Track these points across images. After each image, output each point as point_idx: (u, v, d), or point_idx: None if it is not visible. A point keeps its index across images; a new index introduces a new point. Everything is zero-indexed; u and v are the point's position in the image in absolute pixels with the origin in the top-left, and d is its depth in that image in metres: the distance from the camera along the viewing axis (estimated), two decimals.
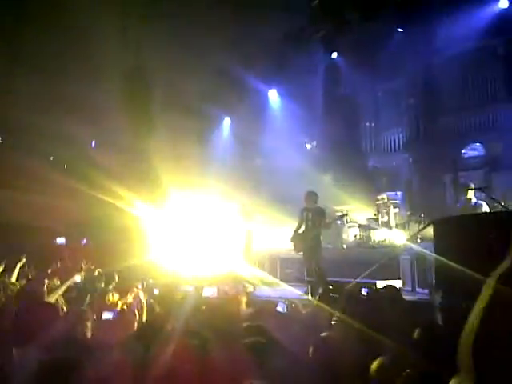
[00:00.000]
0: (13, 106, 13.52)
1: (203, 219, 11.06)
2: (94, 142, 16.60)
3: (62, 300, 4.79)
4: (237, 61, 14.00)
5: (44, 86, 12.74)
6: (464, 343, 0.67)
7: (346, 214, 10.56)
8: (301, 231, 8.54)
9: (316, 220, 8.36)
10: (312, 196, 8.59)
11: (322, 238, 8.55)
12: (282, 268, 10.86)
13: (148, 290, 6.75)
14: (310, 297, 7.32)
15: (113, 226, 12.65)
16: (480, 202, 8.64)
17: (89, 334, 3.68)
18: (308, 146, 15.91)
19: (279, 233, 13.51)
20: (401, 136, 14.81)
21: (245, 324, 3.61)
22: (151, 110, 14.61)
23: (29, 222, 13.77)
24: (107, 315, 4.49)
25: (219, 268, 9.35)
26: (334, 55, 15.29)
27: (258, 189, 12.80)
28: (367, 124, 15.56)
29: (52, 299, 4.45)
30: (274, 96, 16.34)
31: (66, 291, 5.16)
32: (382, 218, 11.32)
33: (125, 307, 5.23)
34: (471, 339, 0.67)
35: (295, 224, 8.74)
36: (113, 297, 5.23)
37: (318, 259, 8.31)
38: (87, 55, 13.17)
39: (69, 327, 3.53)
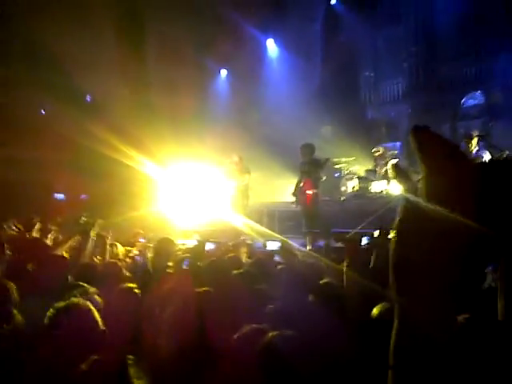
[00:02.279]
0: (6, 60, 13.23)
1: (200, 173, 11.03)
2: (88, 96, 16.35)
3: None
4: (233, 8, 13.58)
5: (38, 39, 12.40)
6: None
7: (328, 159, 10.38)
8: (297, 185, 8.58)
9: (312, 172, 8.35)
10: (307, 148, 8.58)
11: (320, 189, 8.55)
12: (280, 221, 10.93)
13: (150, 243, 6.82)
14: (308, 248, 7.41)
15: (112, 179, 12.63)
16: (483, 150, 8.58)
17: None
18: None
19: (277, 186, 13.56)
20: (400, 86, 14.58)
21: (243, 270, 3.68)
22: (147, 62, 14.29)
23: (26, 177, 13.75)
24: None
25: (218, 222, 9.41)
26: (333, 1, 14.81)
27: (256, 142, 12.68)
28: (366, 73, 15.27)
29: (59, 252, 4.47)
30: (271, 46, 15.93)
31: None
32: (380, 169, 11.32)
33: (127, 260, 5.26)
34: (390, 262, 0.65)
35: (294, 178, 8.77)
36: (117, 248, 5.23)
37: (315, 211, 8.36)
38: (82, 5, 12.78)
39: None
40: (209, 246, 5.77)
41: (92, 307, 2.26)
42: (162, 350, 2.15)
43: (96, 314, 2.22)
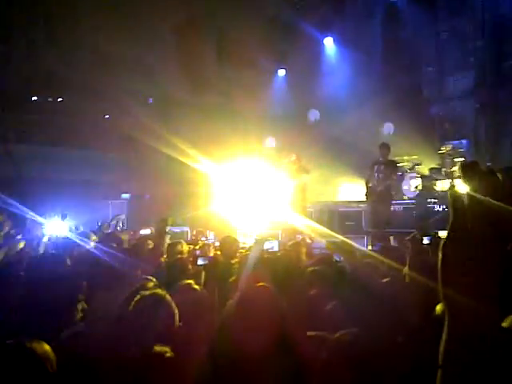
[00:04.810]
0: (73, 66, 13.92)
1: (259, 173, 11.08)
2: (151, 98, 16.91)
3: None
4: (291, 7, 13.55)
5: (101, 46, 12.96)
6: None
7: (419, 164, 10.47)
8: (371, 184, 8.58)
9: (387, 172, 8.40)
10: (383, 148, 8.67)
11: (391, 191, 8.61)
12: (340, 221, 10.80)
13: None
14: (369, 247, 7.26)
15: (173, 179, 12.97)
16: None
17: None
18: None
19: (337, 185, 13.40)
20: (466, 81, 13.93)
21: (309, 269, 3.65)
22: (206, 63, 14.55)
23: (92, 178, 14.41)
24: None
25: (276, 221, 9.43)
26: None
27: (315, 141, 12.57)
28: (429, 69, 14.72)
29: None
30: (330, 44, 15.74)
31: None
32: (446, 168, 10.91)
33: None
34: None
35: (353, 177, 8.73)
36: (182, 247, 5.35)
37: (385, 211, 8.27)
38: (141, 11, 13.22)
39: None
40: (267, 245, 5.78)
41: (172, 302, 2.31)
42: (239, 348, 2.14)
43: (175, 309, 2.26)
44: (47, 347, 1.91)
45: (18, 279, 2.71)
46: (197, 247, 6.24)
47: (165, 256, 4.85)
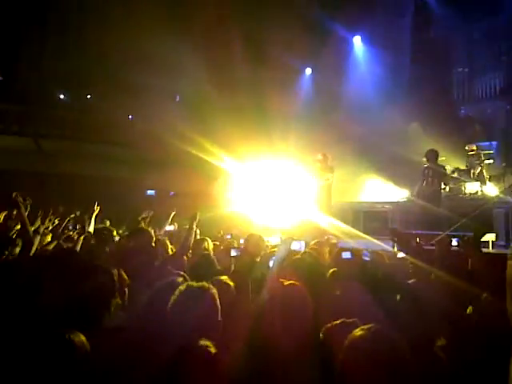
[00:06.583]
0: (101, 64, 14.16)
1: (284, 172, 11.07)
2: (178, 96, 17.08)
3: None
4: (318, 6, 13.48)
5: (129, 43, 13.12)
6: None
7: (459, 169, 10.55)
8: (420, 188, 8.96)
9: (435, 177, 8.72)
10: (430, 154, 8.98)
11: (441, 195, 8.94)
12: (365, 221, 10.70)
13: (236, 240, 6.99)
14: (395, 248, 7.18)
15: (198, 177, 13.07)
16: None
17: None
18: None
19: (362, 185, 13.28)
20: (498, 81, 13.65)
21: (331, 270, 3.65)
22: (233, 62, 14.60)
23: (121, 175, 14.64)
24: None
25: (301, 220, 9.40)
26: None
27: (341, 139, 12.48)
28: (460, 69, 14.47)
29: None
30: (358, 43, 15.61)
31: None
32: (473, 169, 10.73)
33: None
34: None
35: (378, 176, 8.75)
36: (208, 243, 5.39)
37: (436, 213, 8.34)
38: (170, 11, 13.34)
39: None
40: (295, 246, 5.77)
41: (216, 296, 2.32)
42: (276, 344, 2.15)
43: (218, 303, 2.28)
44: (83, 338, 1.97)
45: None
46: (221, 245, 6.29)
47: (190, 252, 4.90)
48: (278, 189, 10.59)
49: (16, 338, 2.00)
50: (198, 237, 5.36)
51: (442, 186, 9.22)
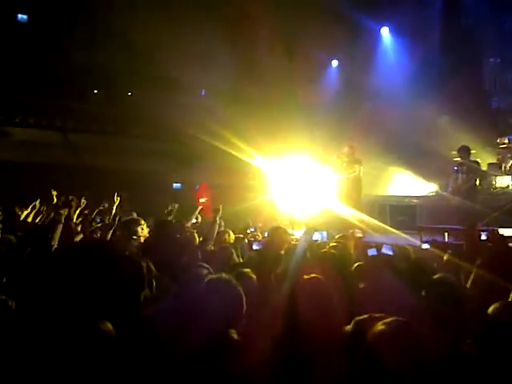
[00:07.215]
0: (130, 58, 14.34)
1: (310, 165, 11.02)
2: (203, 91, 17.15)
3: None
4: None
5: (158, 37, 13.21)
6: None
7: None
8: (455, 184, 8.85)
9: (470, 173, 8.68)
10: (463, 150, 8.94)
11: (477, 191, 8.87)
12: (391, 215, 10.56)
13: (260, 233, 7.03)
14: (421, 243, 7.09)
15: (224, 171, 13.14)
16: None
17: None
18: None
19: (389, 178, 13.11)
20: None
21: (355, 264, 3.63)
22: (259, 56, 14.57)
23: (149, 167, 14.83)
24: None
25: (327, 213, 9.35)
26: None
27: (368, 132, 12.32)
28: (491, 60, 14.08)
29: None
30: (386, 34, 15.35)
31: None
32: (504, 163, 10.47)
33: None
34: None
35: (407, 171, 8.63)
36: (229, 236, 5.43)
37: (474, 208, 8.24)
38: (198, 5, 13.39)
39: None
40: (316, 236, 5.76)
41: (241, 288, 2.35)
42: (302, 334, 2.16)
43: (243, 294, 2.32)
44: (111, 327, 2.03)
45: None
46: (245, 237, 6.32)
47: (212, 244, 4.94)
48: (306, 182, 10.56)
49: (50, 327, 2.06)
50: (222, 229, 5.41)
51: (477, 183, 9.05)
